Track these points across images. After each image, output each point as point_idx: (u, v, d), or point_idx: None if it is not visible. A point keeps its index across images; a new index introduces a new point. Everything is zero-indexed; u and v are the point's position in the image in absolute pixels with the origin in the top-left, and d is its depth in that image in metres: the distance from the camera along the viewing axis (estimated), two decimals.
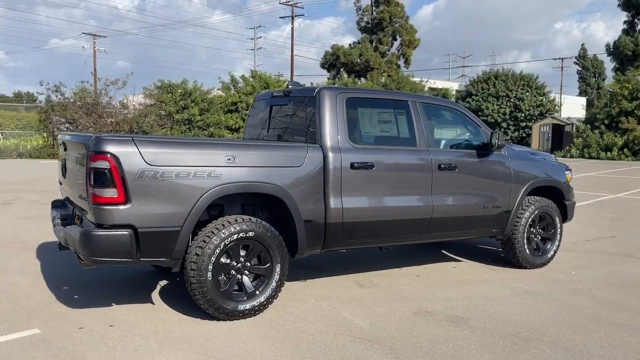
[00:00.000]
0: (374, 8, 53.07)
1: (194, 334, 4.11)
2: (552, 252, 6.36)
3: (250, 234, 4.35)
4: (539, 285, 5.58)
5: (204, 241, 4.20)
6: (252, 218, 4.44)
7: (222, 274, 4.34)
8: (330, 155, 4.75)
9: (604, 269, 6.35)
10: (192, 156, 4.16)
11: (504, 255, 6.30)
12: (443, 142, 5.99)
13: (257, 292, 4.46)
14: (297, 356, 3.76)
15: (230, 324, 4.29)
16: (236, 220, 4.33)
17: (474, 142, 5.81)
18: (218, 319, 4.32)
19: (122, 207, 3.91)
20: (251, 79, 32.69)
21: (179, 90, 27.84)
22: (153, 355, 3.71)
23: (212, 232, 4.24)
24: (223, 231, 4.25)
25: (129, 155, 3.90)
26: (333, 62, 52.04)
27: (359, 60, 50.64)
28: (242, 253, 4.42)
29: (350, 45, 52.83)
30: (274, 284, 4.51)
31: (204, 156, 4.21)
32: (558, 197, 6.47)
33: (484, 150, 5.72)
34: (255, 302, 4.42)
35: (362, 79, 49.41)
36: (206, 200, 4.15)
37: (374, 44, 52.18)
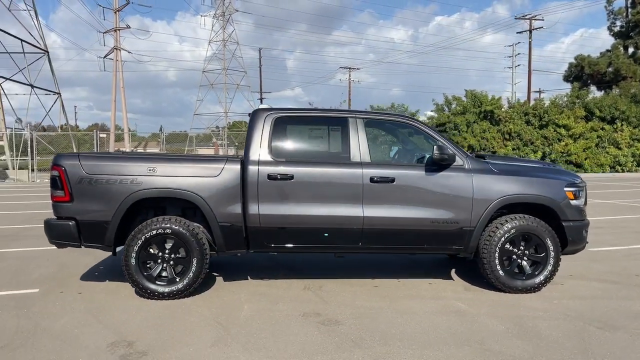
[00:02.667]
0: (629, 10, 47.08)
1: (135, 309, 5.30)
2: (541, 277, 5.71)
3: (168, 231, 5.36)
4: (482, 310, 5.22)
5: (133, 234, 5.37)
6: (172, 218, 5.45)
7: (150, 261, 5.43)
8: (249, 167, 5.46)
9: (597, 303, 5.46)
10: (119, 167, 5.40)
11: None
12: (397, 155, 6.02)
13: (177, 280, 5.43)
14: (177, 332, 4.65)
15: (152, 302, 5.36)
16: (157, 220, 5.40)
17: (424, 156, 5.73)
18: (149, 298, 5.42)
19: (68, 204, 5.36)
20: (464, 98, 32.44)
21: None
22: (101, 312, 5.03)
23: (139, 228, 5.39)
24: (148, 227, 5.36)
25: (73, 167, 5.35)
26: (578, 74, 47.66)
27: (608, 70, 45.38)
28: (168, 246, 5.45)
29: (600, 54, 47.69)
30: (191, 274, 5.41)
31: (128, 167, 5.40)
32: (552, 217, 5.79)
33: (433, 164, 5.61)
34: (174, 288, 5.39)
35: (611, 89, 43.95)
36: (129, 201, 5.33)
37: (629, 50, 46.22)
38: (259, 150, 5.53)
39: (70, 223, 5.35)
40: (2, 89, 33.25)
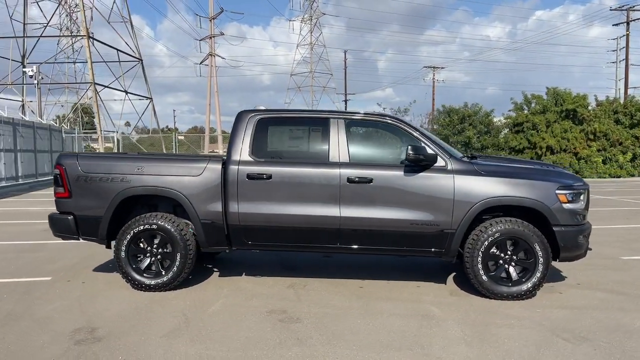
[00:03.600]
0: None
1: (119, 297, 5.71)
2: (529, 285, 5.42)
3: (154, 226, 5.69)
4: (453, 315, 5.07)
5: (124, 229, 5.75)
6: (160, 214, 5.76)
7: (140, 255, 5.79)
8: (230, 167, 5.66)
9: (585, 314, 5.10)
10: (111, 166, 5.79)
11: None
12: (379, 155, 5.94)
13: (163, 273, 5.75)
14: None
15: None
16: (146, 216, 5.75)
17: (403, 157, 5.64)
18: (138, 289, 5.78)
19: (67, 200, 5.84)
20: (545, 96, 30.75)
21: (456, 116, 28.61)
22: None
23: (129, 224, 5.76)
24: (137, 223, 5.72)
25: (72, 166, 5.82)
26: None
27: None
28: (156, 241, 5.78)
29: None
30: (175, 268, 5.70)
31: (119, 167, 5.78)
32: (543, 221, 5.48)
33: (413, 164, 5.51)
34: (159, 280, 5.70)
35: None
36: (118, 197, 5.71)
37: None
38: (241, 150, 5.71)
39: (69, 218, 5.83)
40: (98, 96, 36.04)
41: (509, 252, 5.49)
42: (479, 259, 5.45)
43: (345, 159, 5.63)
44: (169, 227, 5.67)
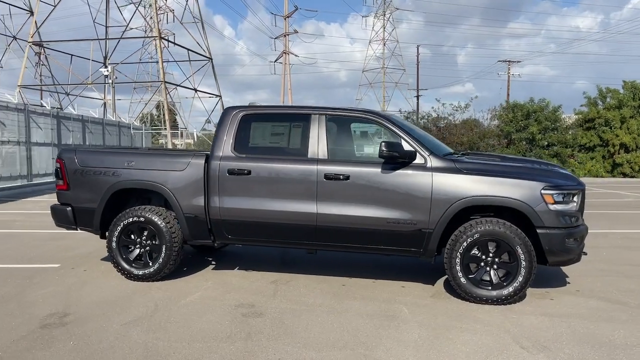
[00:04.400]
0: None
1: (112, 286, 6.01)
2: (510, 289, 5.15)
3: (142, 219, 5.92)
4: (418, 317, 4.91)
5: (115, 221, 6.02)
6: (149, 207, 5.98)
7: (130, 246, 6.03)
8: (212, 162, 5.78)
9: (563, 323, 4.77)
10: (104, 161, 6.07)
11: None
12: (358, 151, 5.83)
13: (150, 264, 5.96)
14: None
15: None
16: (136, 209, 5.98)
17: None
18: (128, 279, 6.03)
19: (66, 192, 6.19)
20: (621, 90, 28.81)
21: (520, 112, 27.41)
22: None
23: (120, 215, 6.01)
24: (126, 215, 5.97)
25: (70, 160, 6.15)
26: None
27: None
28: (145, 233, 6.00)
29: None
30: (160, 260, 5.90)
31: (111, 161, 6.05)
32: (528, 222, 5.19)
33: (391, 161, 5.37)
34: (146, 271, 5.92)
35: None
36: (110, 190, 5.97)
37: None
38: (224, 146, 5.81)
39: (68, 209, 6.17)
40: (169, 95, 37.63)
41: (490, 255, 5.24)
42: (457, 260, 5.24)
43: (323, 156, 5.58)
44: (155, 220, 5.87)
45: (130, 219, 5.94)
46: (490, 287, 5.22)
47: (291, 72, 57.65)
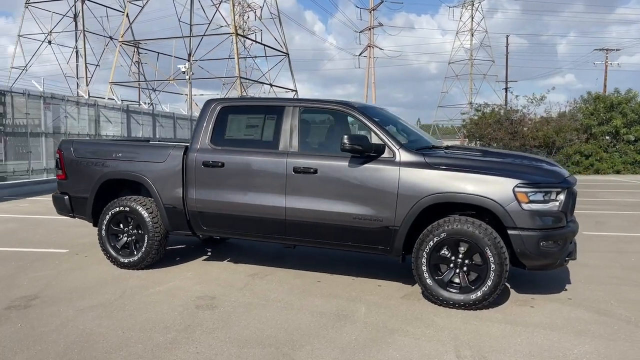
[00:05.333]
0: None
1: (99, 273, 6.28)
2: (479, 293, 4.78)
3: (127, 209, 6.10)
4: (358, 317, 4.69)
5: (104, 210, 6.24)
6: (135, 197, 6.14)
7: (119, 235, 6.23)
8: (189, 154, 5.84)
9: (522, 334, 4.35)
10: (96, 152, 6.31)
11: None
12: (329, 144, 5.62)
13: (135, 252, 6.13)
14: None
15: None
16: (123, 199, 6.17)
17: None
18: (116, 266, 6.25)
19: (64, 181, 6.50)
20: None
21: (602, 104, 25.40)
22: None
23: (109, 205, 6.22)
24: (114, 205, 6.18)
25: (68, 151, 6.46)
26: None
27: None
28: (131, 223, 6.18)
29: None
30: (143, 249, 6.05)
31: (102, 153, 6.27)
32: (499, 221, 4.78)
33: (358, 155, 5.14)
34: (131, 259, 6.09)
35: None
36: (99, 181, 6.19)
37: None
38: (201, 138, 5.85)
39: (65, 197, 6.49)
40: (244, 89, 38.65)
41: (460, 256, 4.89)
42: (424, 259, 4.94)
43: (294, 148, 5.46)
44: (139, 210, 6.03)
45: (117, 209, 6.14)
46: (458, 291, 4.88)
47: (378, 65, 57.77)
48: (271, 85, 43.02)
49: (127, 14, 44.57)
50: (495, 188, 4.74)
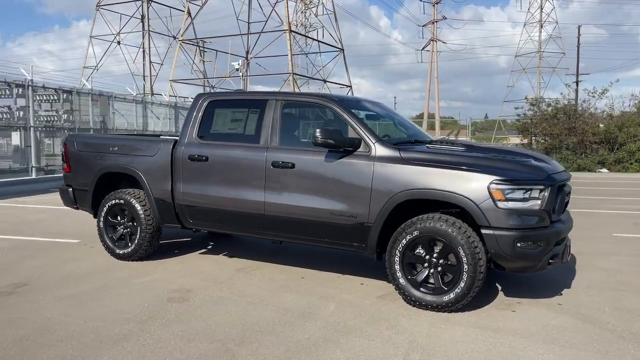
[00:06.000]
0: None
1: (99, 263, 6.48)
2: (452, 295, 4.53)
3: (122, 201, 6.24)
4: (325, 313, 4.56)
5: (103, 202, 6.42)
6: (130, 190, 6.26)
7: (117, 227, 6.39)
8: (177, 148, 5.90)
9: (487, 340, 4.08)
10: (95, 146, 6.49)
11: None
12: (308, 139, 5.47)
13: (129, 244, 6.26)
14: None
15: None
16: (119, 191, 6.32)
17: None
18: (113, 256, 6.42)
19: (68, 174, 6.74)
20: None
21: None
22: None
23: (107, 197, 6.38)
24: (110, 197, 6.34)
25: (72, 145, 6.68)
26: None
27: None
28: (126, 215, 6.32)
29: None
30: (136, 240, 6.18)
31: (101, 147, 6.44)
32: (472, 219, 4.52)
33: (334, 149, 5.01)
34: (125, 251, 6.23)
35: None
36: (98, 173, 6.37)
37: None
38: (189, 132, 5.89)
39: (70, 190, 6.73)
40: (297, 85, 38.90)
41: (434, 255, 4.67)
42: (396, 258, 4.75)
43: (274, 143, 5.39)
44: (133, 202, 6.16)
45: (113, 201, 6.30)
46: (431, 291, 4.66)
47: (445, 60, 56.52)
48: (324, 81, 43.07)
49: (190, 12, 45.88)
50: (469, 184, 4.48)
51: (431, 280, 4.70)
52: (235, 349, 3.85)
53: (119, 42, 51.46)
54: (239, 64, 34.05)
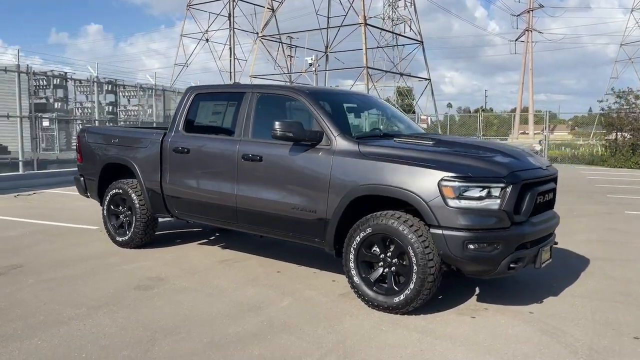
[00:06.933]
0: None
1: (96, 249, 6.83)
2: (402, 297, 4.31)
3: (120, 190, 6.51)
4: (273, 308, 4.49)
5: (106, 191, 6.72)
6: (127, 180, 6.52)
7: (118, 215, 6.68)
8: (164, 140, 6.05)
9: (417, 342, 3.83)
10: (102, 139, 6.80)
11: None
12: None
13: (127, 232, 6.53)
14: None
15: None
16: (119, 181, 6.59)
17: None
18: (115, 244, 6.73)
19: (81, 164, 7.13)
20: None
21: None
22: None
23: (108, 188, 6.68)
24: (112, 187, 6.64)
25: (83, 137, 7.05)
26: None
27: None
28: (125, 204, 6.59)
29: None
30: (132, 229, 6.42)
31: (106, 139, 6.74)
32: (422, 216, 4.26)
33: (298, 143, 4.92)
34: (124, 238, 6.50)
35: None
36: (102, 163, 6.68)
37: None
38: (177, 125, 6.02)
39: (81, 179, 7.11)
40: (371, 80, 38.56)
41: (389, 254, 4.47)
42: (351, 255, 4.60)
43: (247, 136, 5.39)
44: (130, 192, 6.41)
45: (114, 191, 6.58)
46: (383, 292, 4.46)
47: (544, 50, 53.74)
48: (401, 74, 42.39)
49: (273, 8, 46.85)
50: (420, 181, 4.23)
51: (387, 281, 4.50)
52: (161, 339, 3.89)
53: (207, 40, 53.68)
54: (312, 59, 34.22)
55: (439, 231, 4.13)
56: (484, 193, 4.11)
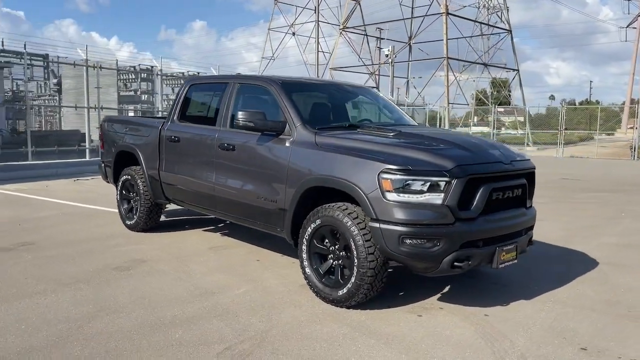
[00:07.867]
0: None
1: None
2: (345, 291, 4.22)
3: (129, 177, 6.88)
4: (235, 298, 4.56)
5: (119, 178, 7.13)
6: (133, 167, 6.86)
7: (129, 200, 7.07)
8: (162, 129, 6.32)
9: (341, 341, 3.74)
10: (117, 128, 7.20)
11: None
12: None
13: (134, 216, 6.89)
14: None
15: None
16: (128, 168, 6.96)
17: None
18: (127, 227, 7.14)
19: (102, 151, 7.60)
20: None
21: None
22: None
23: (121, 174, 7.08)
24: (123, 173, 7.03)
25: (105, 126, 7.51)
26: None
27: None
28: (135, 190, 6.94)
29: None
30: (137, 213, 6.77)
31: (119, 128, 7.14)
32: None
33: (264, 134, 4.97)
34: (132, 222, 6.88)
35: None
36: (116, 151, 7.09)
37: None
38: (173, 114, 6.26)
39: (102, 165, 7.59)
40: (451, 70, 37.43)
41: (337, 246, 4.40)
42: (304, 247, 4.58)
43: (225, 125, 5.51)
44: (136, 178, 6.76)
45: (125, 176, 6.97)
46: (330, 285, 4.40)
47: None
48: (485, 65, 40.76)
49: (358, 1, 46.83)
50: (361, 172, 4.12)
51: (337, 274, 4.44)
52: (102, 316, 4.07)
53: (293, 33, 54.65)
54: (388, 50, 33.85)
55: (377, 224, 4.01)
56: (425, 187, 3.93)
